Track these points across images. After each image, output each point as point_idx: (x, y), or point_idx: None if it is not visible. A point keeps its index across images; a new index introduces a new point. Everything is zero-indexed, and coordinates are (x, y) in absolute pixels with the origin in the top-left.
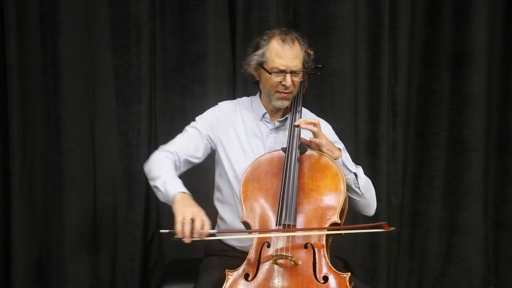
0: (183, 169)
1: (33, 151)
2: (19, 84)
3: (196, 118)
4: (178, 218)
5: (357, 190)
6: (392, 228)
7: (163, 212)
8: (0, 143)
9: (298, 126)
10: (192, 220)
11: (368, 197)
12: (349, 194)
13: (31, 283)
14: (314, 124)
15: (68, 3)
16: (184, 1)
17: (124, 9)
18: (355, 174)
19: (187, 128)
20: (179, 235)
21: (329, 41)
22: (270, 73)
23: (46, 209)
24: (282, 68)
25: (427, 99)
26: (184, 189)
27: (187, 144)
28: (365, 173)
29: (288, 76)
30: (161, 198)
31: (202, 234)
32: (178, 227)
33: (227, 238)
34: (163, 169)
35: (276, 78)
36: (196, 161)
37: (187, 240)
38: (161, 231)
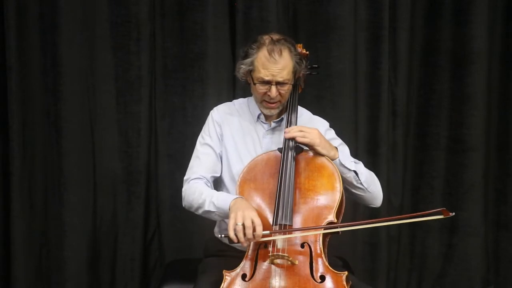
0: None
1: (33, 151)
2: (19, 84)
3: (202, 135)
4: (230, 224)
5: (360, 186)
6: (452, 214)
7: (163, 212)
8: (0, 143)
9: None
10: (244, 225)
11: (373, 190)
12: (353, 191)
13: (31, 283)
14: (300, 131)
15: (68, 3)
16: (184, 1)
17: (124, 9)
18: (355, 172)
19: (199, 148)
20: (234, 241)
21: (329, 41)
22: (254, 84)
23: (46, 209)
24: (267, 79)
25: (427, 99)
26: (234, 196)
27: (208, 164)
28: None
29: (273, 88)
30: (217, 218)
31: (255, 237)
32: (230, 234)
33: (282, 237)
34: (203, 194)
35: (261, 89)
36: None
37: (244, 244)
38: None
